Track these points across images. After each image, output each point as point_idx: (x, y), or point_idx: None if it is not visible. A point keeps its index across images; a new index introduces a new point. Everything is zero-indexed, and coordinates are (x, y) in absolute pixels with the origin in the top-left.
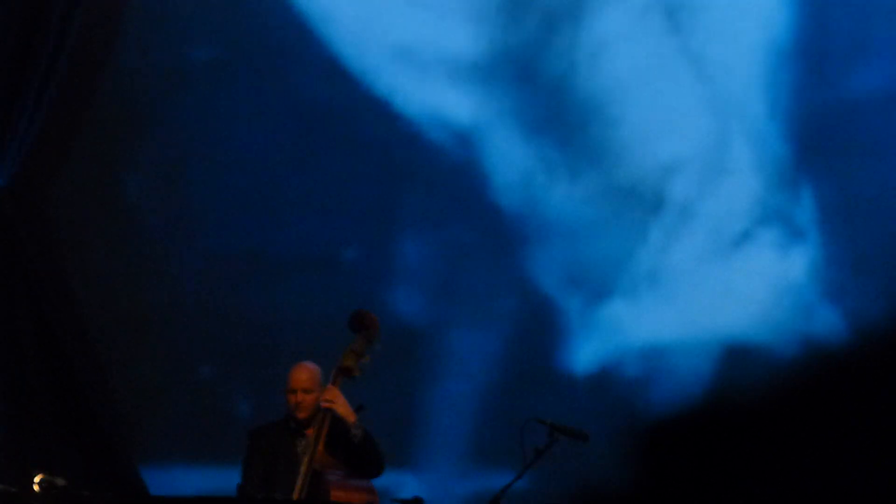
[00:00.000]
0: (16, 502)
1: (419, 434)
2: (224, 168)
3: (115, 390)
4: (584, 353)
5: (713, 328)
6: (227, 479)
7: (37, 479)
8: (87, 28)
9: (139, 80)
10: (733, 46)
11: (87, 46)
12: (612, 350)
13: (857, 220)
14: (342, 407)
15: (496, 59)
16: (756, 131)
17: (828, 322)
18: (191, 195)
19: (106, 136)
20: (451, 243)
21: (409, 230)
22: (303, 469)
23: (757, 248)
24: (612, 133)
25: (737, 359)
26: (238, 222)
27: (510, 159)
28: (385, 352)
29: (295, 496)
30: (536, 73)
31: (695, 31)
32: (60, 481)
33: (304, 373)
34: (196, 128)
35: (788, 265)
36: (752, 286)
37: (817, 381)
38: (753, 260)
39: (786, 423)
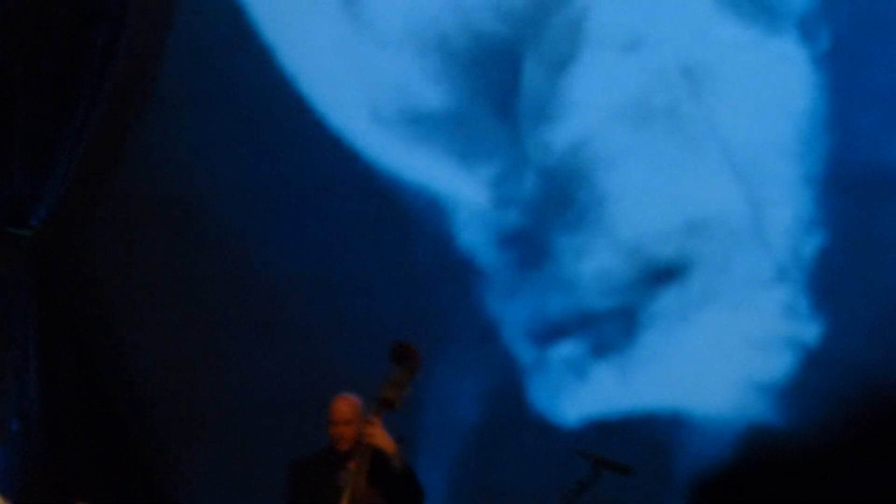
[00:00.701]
0: None
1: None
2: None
3: (157, 424)
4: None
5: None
6: None
7: None
8: (130, 60)
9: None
10: (755, 112)
11: (128, 80)
12: None
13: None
14: (383, 439)
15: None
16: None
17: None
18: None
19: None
20: None
21: None
22: (344, 502)
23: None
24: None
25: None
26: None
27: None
28: None
29: None
30: (548, 129)
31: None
32: None
33: (345, 405)
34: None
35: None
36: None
37: None
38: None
39: None
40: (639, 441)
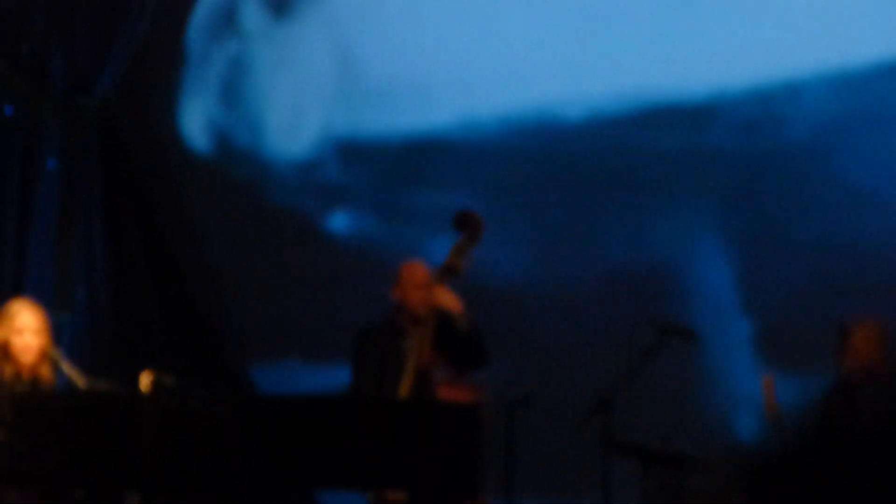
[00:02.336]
0: (125, 400)
1: None
2: None
3: (224, 291)
4: None
5: None
6: (338, 379)
7: (145, 376)
8: None
9: None
10: None
11: None
12: None
13: None
14: (449, 299)
15: None
16: None
17: None
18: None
19: None
20: None
21: None
22: (409, 368)
23: None
24: None
25: None
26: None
27: None
28: None
29: (401, 395)
30: None
31: None
32: (169, 379)
33: (412, 269)
34: None
35: None
36: None
37: None
38: None
39: None
40: None
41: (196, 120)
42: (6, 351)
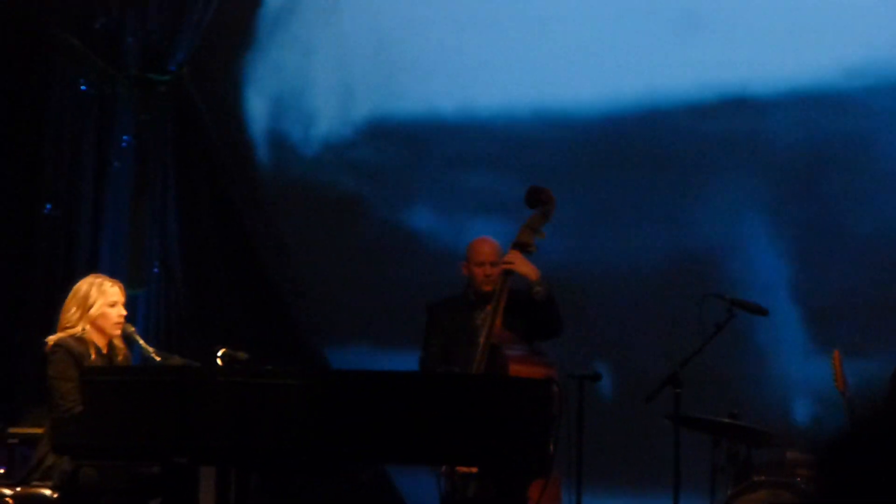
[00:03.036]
0: (199, 375)
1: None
2: None
3: (296, 268)
4: None
5: None
6: (409, 365)
7: (219, 352)
8: None
9: None
10: None
11: None
12: None
13: None
14: (525, 266)
15: None
16: None
17: None
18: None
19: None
20: None
21: None
22: (481, 343)
23: None
24: None
25: None
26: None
27: None
28: None
29: (473, 370)
30: None
31: None
32: (242, 355)
33: (490, 246)
34: None
35: None
36: None
37: None
38: None
39: None
40: None
41: (258, 96)
42: (95, 323)
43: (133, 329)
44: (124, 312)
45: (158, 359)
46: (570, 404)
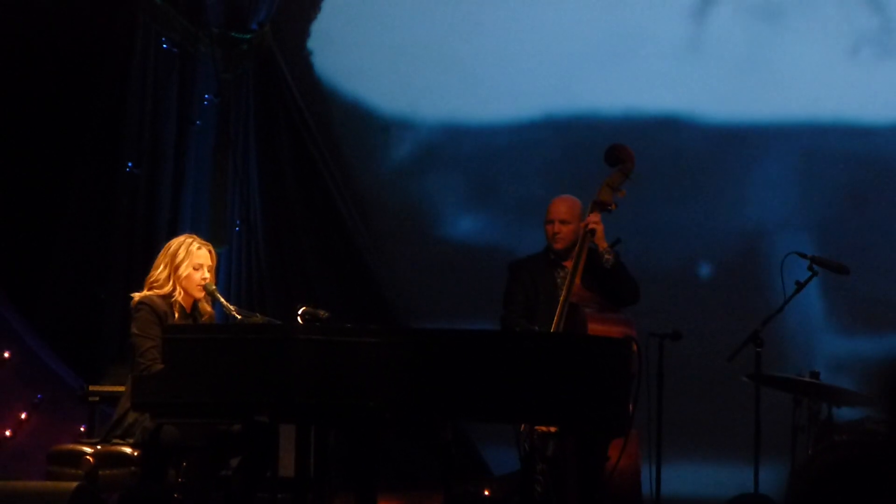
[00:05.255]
0: (279, 333)
1: None
2: None
3: (379, 231)
4: None
5: None
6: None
7: (300, 310)
8: None
9: None
10: None
11: None
12: None
13: None
14: (598, 233)
15: None
16: None
17: None
18: None
19: None
20: None
21: None
22: (560, 301)
23: None
24: None
25: None
26: None
27: None
28: None
29: (552, 328)
30: None
31: None
32: (323, 313)
33: (563, 204)
34: None
35: None
36: None
37: None
38: None
39: None
40: None
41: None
42: (181, 284)
43: (214, 287)
44: (207, 276)
45: (239, 317)
46: (650, 363)
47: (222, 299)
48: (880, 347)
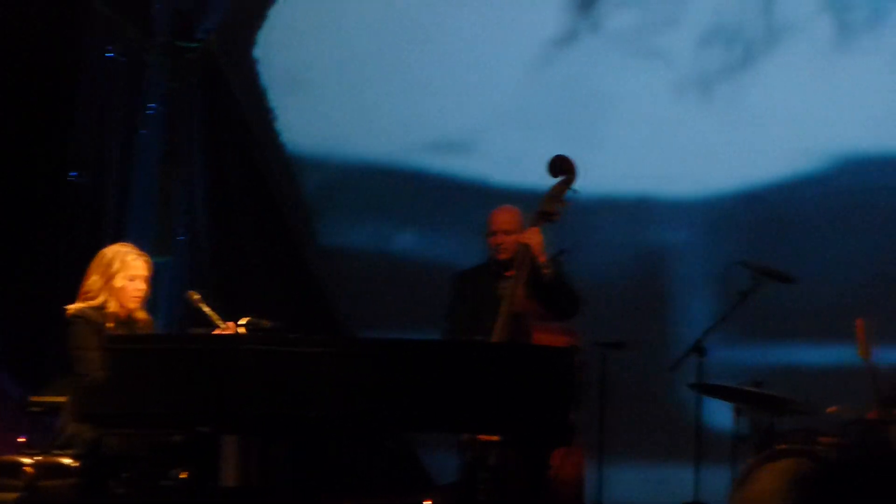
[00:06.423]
0: (222, 343)
1: None
2: None
3: (324, 241)
4: None
5: None
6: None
7: (243, 321)
8: None
9: None
10: None
11: None
12: None
13: None
14: (537, 246)
15: None
16: None
17: None
18: None
19: None
20: None
21: None
22: (503, 311)
23: None
24: None
25: None
26: None
27: None
28: None
29: (495, 338)
30: None
31: None
32: (267, 323)
33: (505, 214)
34: None
35: None
36: None
37: None
38: None
39: None
40: None
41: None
42: (115, 295)
43: (198, 297)
44: (143, 287)
45: (223, 325)
46: (593, 372)
47: (206, 308)
48: (822, 357)
